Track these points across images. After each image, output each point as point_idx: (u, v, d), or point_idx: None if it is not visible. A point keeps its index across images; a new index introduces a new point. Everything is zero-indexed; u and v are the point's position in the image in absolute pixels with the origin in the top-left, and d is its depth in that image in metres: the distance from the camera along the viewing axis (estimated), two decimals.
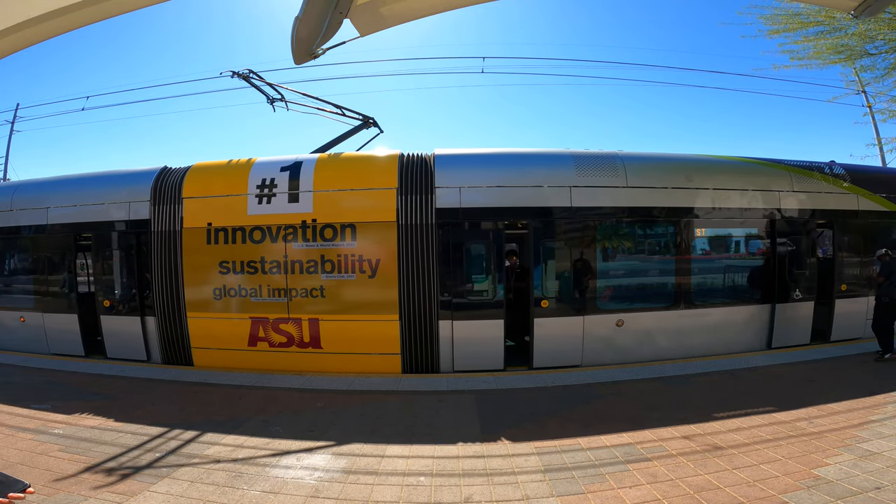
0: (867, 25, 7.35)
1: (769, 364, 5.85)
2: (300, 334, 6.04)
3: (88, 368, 6.21)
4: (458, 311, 5.96)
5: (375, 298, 5.94)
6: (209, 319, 6.23)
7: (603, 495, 2.97)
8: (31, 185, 7.43)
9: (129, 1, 1.97)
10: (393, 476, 3.26)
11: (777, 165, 6.80)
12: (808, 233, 6.73)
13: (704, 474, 3.19)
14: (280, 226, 6.04)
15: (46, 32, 1.93)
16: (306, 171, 6.11)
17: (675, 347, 6.26)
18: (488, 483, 3.15)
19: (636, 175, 6.20)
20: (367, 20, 2.30)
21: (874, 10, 2.31)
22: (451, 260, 6.01)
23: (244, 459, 3.53)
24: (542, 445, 3.71)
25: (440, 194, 5.91)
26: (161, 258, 6.29)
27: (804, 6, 7.75)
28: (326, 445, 3.77)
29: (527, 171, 6.13)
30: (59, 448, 3.71)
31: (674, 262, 6.50)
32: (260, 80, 7.32)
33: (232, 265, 6.11)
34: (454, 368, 5.93)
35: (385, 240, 5.90)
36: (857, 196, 6.91)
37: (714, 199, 6.40)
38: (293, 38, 2.23)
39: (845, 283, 6.79)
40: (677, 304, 6.39)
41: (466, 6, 2.52)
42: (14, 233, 7.09)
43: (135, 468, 3.39)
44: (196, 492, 3.06)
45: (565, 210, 6.01)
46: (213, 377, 5.74)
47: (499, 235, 6.12)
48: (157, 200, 6.39)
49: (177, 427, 4.16)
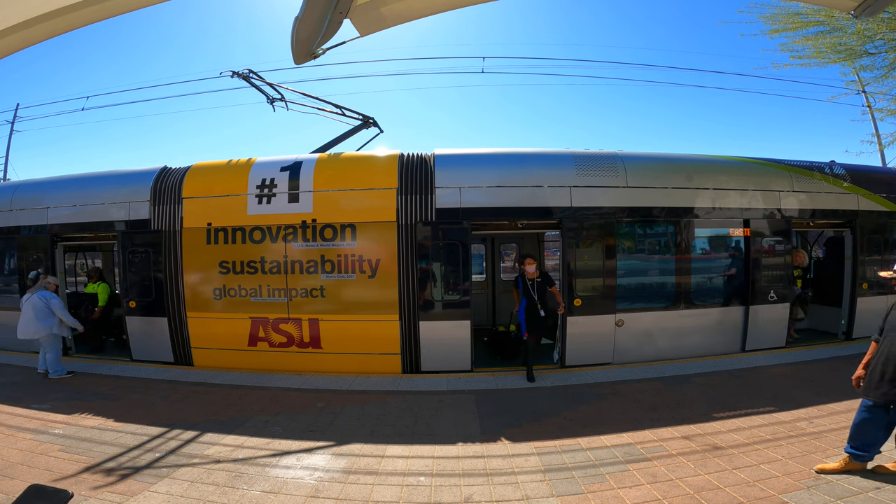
0: (867, 25, 7.35)
1: (769, 364, 5.86)
2: (300, 334, 6.04)
3: (88, 368, 6.22)
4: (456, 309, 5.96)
5: (375, 298, 5.93)
6: (209, 319, 6.23)
7: (603, 495, 2.97)
8: (31, 185, 7.43)
9: (129, 1, 1.96)
10: (393, 476, 3.26)
11: (777, 165, 6.80)
12: (820, 234, 6.76)
13: (704, 474, 3.19)
14: (280, 226, 6.04)
15: (46, 32, 1.93)
16: (306, 171, 6.11)
17: (674, 347, 6.27)
18: (488, 483, 3.16)
19: (636, 175, 6.20)
20: (367, 20, 2.30)
21: (874, 10, 2.30)
22: (451, 259, 6.01)
23: (244, 459, 3.53)
24: (541, 445, 3.72)
25: (440, 194, 5.90)
26: (161, 258, 6.30)
27: (804, 6, 7.75)
28: (326, 445, 3.78)
29: (527, 171, 6.12)
30: (59, 448, 3.72)
31: (674, 262, 6.51)
32: (260, 80, 7.33)
33: (232, 265, 6.11)
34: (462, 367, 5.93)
35: (385, 240, 5.90)
36: (857, 196, 6.91)
37: (714, 198, 6.41)
38: (293, 39, 2.23)
39: (866, 283, 6.87)
40: (677, 304, 6.39)
41: (467, 6, 2.51)
42: (14, 232, 7.09)
43: (135, 468, 3.39)
44: (196, 492, 3.06)
45: (565, 210, 6.01)
46: (213, 377, 5.74)
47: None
48: (157, 200, 6.39)
49: (177, 427, 4.16)
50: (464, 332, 5.92)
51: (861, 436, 3.04)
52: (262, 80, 7.34)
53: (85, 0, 1.76)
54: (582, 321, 5.99)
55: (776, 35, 8.29)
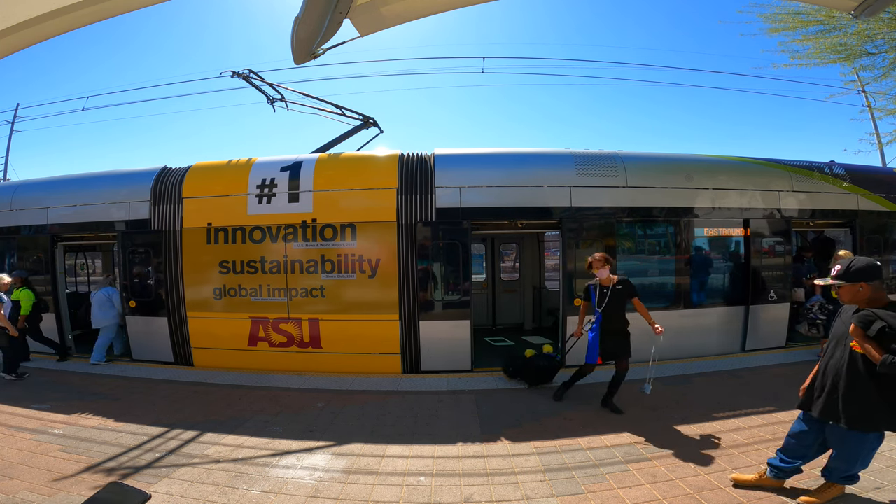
0: (866, 25, 7.34)
1: (769, 364, 5.86)
2: (300, 334, 6.04)
3: (89, 369, 6.22)
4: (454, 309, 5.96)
5: (375, 298, 5.94)
6: (209, 319, 6.23)
7: (603, 495, 2.97)
8: (31, 185, 7.43)
9: (128, 1, 1.96)
10: (393, 476, 3.26)
11: (777, 165, 6.81)
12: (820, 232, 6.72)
13: (704, 474, 3.19)
14: (280, 226, 6.04)
15: (46, 32, 1.93)
16: (306, 171, 6.11)
17: (674, 347, 6.26)
18: (488, 483, 3.16)
19: (635, 175, 6.20)
20: (367, 20, 2.30)
21: (874, 10, 2.30)
22: (451, 259, 6.01)
23: (244, 459, 3.53)
24: (542, 445, 3.72)
25: (440, 194, 5.91)
26: (161, 258, 6.30)
27: (804, 5, 7.74)
28: (326, 445, 3.77)
29: (527, 170, 6.12)
30: (59, 448, 3.72)
31: (673, 262, 6.51)
32: (260, 80, 7.33)
33: (232, 265, 6.12)
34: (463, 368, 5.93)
35: (385, 240, 5.90)
36: (856, 196, 6.92)
37: (714, 198, 6.41)
38: (293, 39, 2.23)
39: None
40: (677, 303, 6.39)
41: (467, 6, 2.51)
42: (14, 233, 7.10)
43: (135, 468, 3.39)
44: (196, 492, 3.06)
45: (565, 210, 6.01)
46: (213, 377, 5.74)
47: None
48: (157, 200, 6.40)
49: (177, 427, 4.16)
50: (464, 332, 5.92)
51: (792, 447, 2.86)
52: (262, 80, 7.34)
53: (85, 0, 1.76)
54: None
55: (776, 35, 8.29)
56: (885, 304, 2.49)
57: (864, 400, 2.47)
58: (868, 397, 2.45)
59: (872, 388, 2.44)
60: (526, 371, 5.30)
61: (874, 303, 2.51)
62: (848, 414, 2.51)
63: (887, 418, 2.46)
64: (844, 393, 2.53)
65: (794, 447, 2.86)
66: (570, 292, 6.00)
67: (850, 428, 2.52)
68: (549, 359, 5.42)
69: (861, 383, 2.48)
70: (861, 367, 2.48)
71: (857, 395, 2.49)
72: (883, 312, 2.42)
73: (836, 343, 2.68)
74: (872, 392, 2.44)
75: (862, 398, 2.47)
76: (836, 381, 2.59)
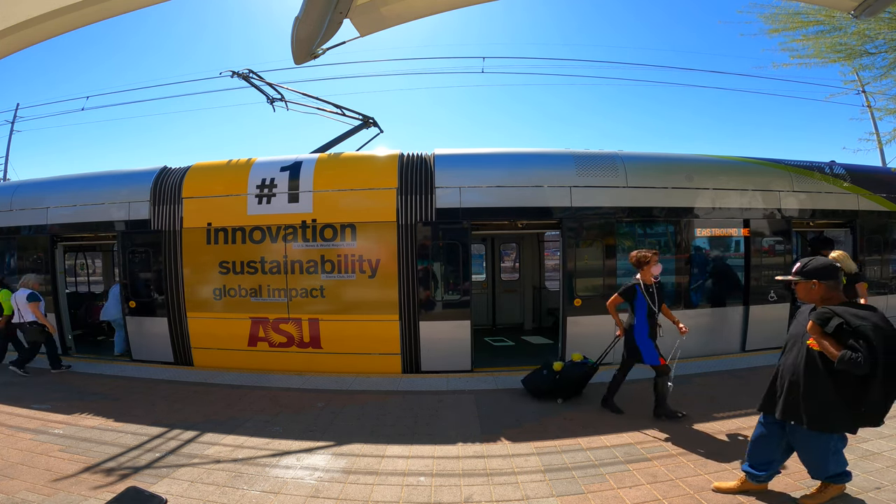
0: (866, 25, 7.34)
1: (769, 364, 5.84)
2: (300, 334, 6.04)
3: (88, 368, 6.22)
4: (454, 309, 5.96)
5: (375, 298, 5.94)
6: (209, 319, 6.23)
7: (603, 495, 2.97)
8: (31, 185, 7.43)
9: (128, 1, 1.96)
10: (393, 476, 3.26)
11: (777, 165, 6.81)
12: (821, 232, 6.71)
13: (704, 474, 3.19)
14: (280, 226, 6.04)
15: (46, 32, 1.93)
16: (306, 171, 6.11)
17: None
18: (488, 483, 3.15)
19: (636, 175, 6.20)
20: (367, 20, 2.30)
21: (874, 10, 2.30)
22: (451, 259, 6.01)
23: (244, 459, 3.53)
24: (542, 445, 3.72)
25: (440, 194, 5.91)
26: (161, 258, 6.30)
27: (804, 5, 7.75)
28: (326, 445, 3.77)
29: (527, 171, 6.12)
30: (59, 448, 3.71)
31: (673, 262, 6.51)
32: (260, 79, 7.33)
33: (232, 265, 6.12)
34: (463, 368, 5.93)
35: (385, 240, 5.90)
36: (857, 196, 6.92)
37: (714, 198, 6.41)
38: (293, 39, 2.23)
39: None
40: (677, 303, 6.39)
41: (467, 6, 2.51)
42: (14, 233, 7.10)
43: (135, 468, 3.39)
44: (196, 492, 3.06)
45: (565, 210, 6.01)
46: (213, 377, 5.74)
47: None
48: (157, 200, 6.40)
49: (177, 427, 4.16)
50: (464, 332, 5.92)
51: (758, 453, 2.83)
52: (261, 80, 7.35)
53: (85, 0, 1.76)
54: (582, 321, 5.99)
55: (776, 34, 8.30)
56: (838, 303, 2.50)
57: (823, 399, 2.45)
58: (826, 396, 2.44)
59: (830, 387, 2.42)
60: (564, 385, 4.74)
61: (827, 301, 2.53)
62: (809, 414, 2.49)
63: (843, 417, 2.43)
64: (804, 392, 2.51)
65: (759, 453, 2.82)
66: (570, 292, 6.00)
67: (810, 428, 2.50)
68: (582, 366, 4.87)
69: (820, 381, 2.46)
70: (819, 364, 2.46)
71: (816, 393, 2.48)
72: (840, 309, 2.42)
73: (793, 342, 2.67)
74: (830, 391, 2.42)
75: (821, 397, 2.46)
76: (795, 380, 2.56)
